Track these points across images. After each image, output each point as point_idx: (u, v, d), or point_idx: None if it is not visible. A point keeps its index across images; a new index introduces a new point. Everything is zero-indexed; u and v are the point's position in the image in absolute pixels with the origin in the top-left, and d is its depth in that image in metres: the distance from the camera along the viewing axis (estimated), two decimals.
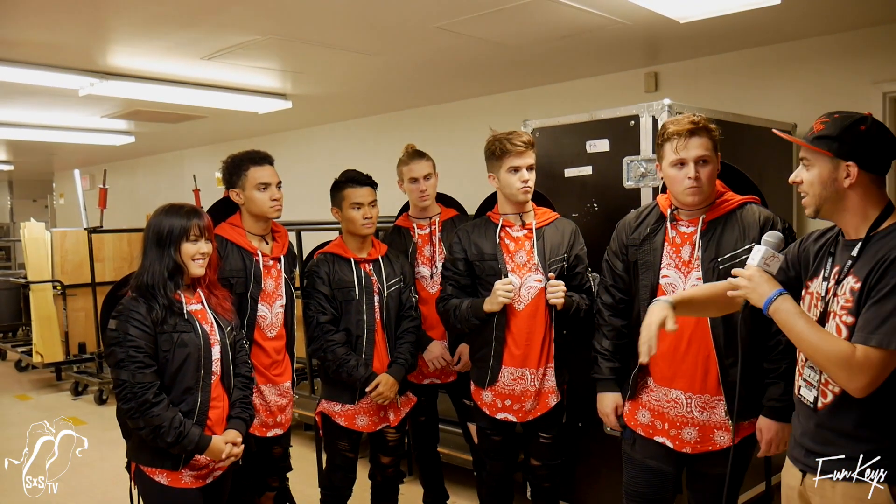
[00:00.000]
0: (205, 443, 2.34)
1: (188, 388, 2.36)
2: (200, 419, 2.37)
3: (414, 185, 3.35)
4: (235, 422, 2.49)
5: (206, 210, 2.97)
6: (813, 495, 1.86)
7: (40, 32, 3.77)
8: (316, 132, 7.36)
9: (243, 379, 2.58)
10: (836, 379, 1.74)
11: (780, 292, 1.83)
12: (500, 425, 2.92)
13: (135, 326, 2.28)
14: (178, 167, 9.24)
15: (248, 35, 3.86)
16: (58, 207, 12.38)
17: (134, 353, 2.26)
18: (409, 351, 3.07)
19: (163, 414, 2.26)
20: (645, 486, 2.50)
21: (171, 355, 2.32)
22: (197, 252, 2.41)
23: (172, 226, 2.39)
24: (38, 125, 6.95)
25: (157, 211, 2.46)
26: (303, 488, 3.31)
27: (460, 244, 2.93)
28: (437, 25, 3.69)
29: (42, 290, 6.90)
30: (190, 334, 2.36)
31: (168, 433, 2.26)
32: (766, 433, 2.31)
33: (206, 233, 2.45)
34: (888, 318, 1.65)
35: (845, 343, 1.71)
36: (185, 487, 2.36)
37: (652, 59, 4.57)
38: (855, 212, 1.81)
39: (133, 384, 2.26)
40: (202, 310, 2.45)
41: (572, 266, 2.88)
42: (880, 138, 1.79)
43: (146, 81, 4.84)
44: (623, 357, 2.58)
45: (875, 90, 3.82)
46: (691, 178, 2.28)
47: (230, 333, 2.52)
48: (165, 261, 2.36)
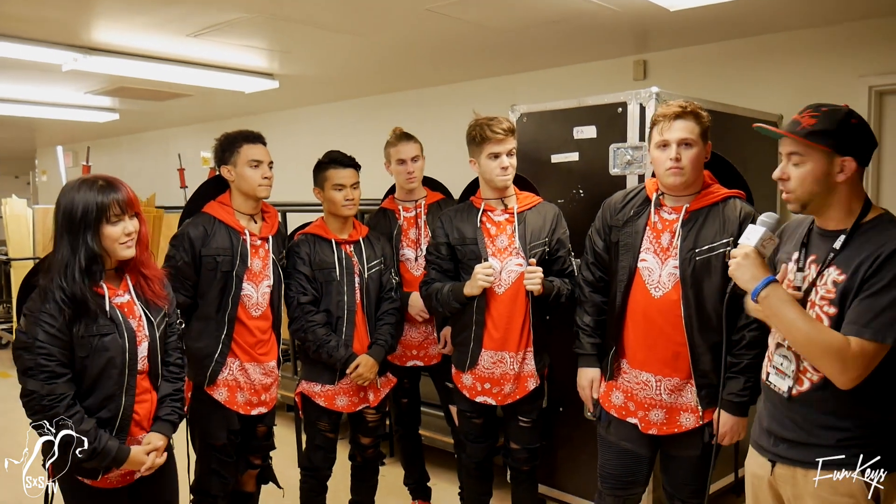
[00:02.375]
0: (123, 455, 2.09)
1: (110, 396, 2.09)
2: (123, 425, 2.12)
3: (401, 167, 3.34)
4: (162, 424, 2.23)
5: (196, 189, 2.97)
6: (783, 484, 1.88)
7: (23, 5, 3.70)
8: (302, 113, 7.32)
9: (174, 369, 2.32)
10: (827, 369, 1.74)
11: (771, 279, 1.82)
12: (481, 408, 2.94)
13: (45, 331, 1.97)
14: (162, 146, 9.16)
15: (235, 12, 3.82)
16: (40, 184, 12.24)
17: (44, 361, 1.97)
18: (388, 332, 3.07)
19: (75, 429, 1.99)
20: (619, 468, 2.54)
21: (90, 361, 2.04)
22: (122, 234, 2.07)
23: (87, 205, 2.02)
24: (21, 100, 6.84)
25: (65, 187, 2.09)
26: (283, 468, 3.32)
27: (443, 228, 2.94)
28: (427, 7, 3.66)
29: (23, 266, 6.81)
30: (112, 335, 2.07)
31: (81, 450, 1.99)
32: (723, 426, 2.34)
33: (129, 208, 2.08)
34: (883, 312, 1.67)
35: (838, 335, 1.71)
36: (111, 487, 2.17)
37: (641, 47, 4.57)
38: (840, 205, 1.82)
39: (41, 396, 1.97)
40: (129, 302, 2.15)
41: (554, 250, 2.89)
42: (868, 131, 1.81)
43: (131, 58, 4.77)
44: (604, 332, 2.61)
45: (861, 84, 3.84)
46: (672, 158, 2.30)
47: (160, 323, 2.22)
48: (81, 250, 2.02)
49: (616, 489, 2.55)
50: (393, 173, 3.41)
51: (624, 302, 2.47)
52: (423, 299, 3.02)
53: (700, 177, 2.40)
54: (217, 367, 2.80)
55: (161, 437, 2.21)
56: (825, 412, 1.80)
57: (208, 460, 2.87)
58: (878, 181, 3.93)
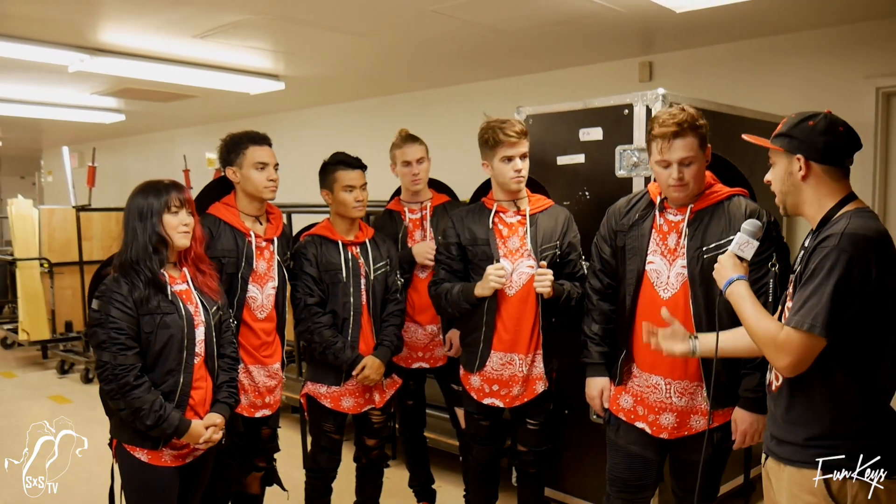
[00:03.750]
0: (184, 427, 2.33)
1: (170, 370, 2.34)
2: (182, 401, 2.36)
3: (406, 169, 3.34)
4: (220, 406, 2.48)
5: (201, 190, 2.97)
6: (772, 477, 1.95)
7: (31, 6, 3.72)
8: (308, 114, 7.33)
9: (229, 360, 2.56)
10: (768, 358, 1.85)
11: (738, 277, 1.94)
12: (488, 410, 2.93)
13: (116, 308, 2.26)
14: (168, 147, 9.18)
15: (241, 14, 3.83)
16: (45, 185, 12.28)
17: (116, 334, 2.25)
18: (394, 333, 3.08)
19: (143, 397, 2.25)
20: (627, 472, 2.52)
21: (154, 337, 2.30)
22: (180, 223, 2.38)
23: (153, 198, 2.36)
24: (27, 101, 6.88)
25: (134, 191, 2.42)
26: (288, 470, 3.32)
27: (454, 228, 2.93)
28: (433, 9, 3.66)
29: (29, 267, 6.85)
30: (173, 315, 2.34)
31: (147, 416, 2.25)
32: (741, 424, 2.34)
33: (187, 205, 2.42)
34: (806, 302, 1.73)
35: (775, 323, 1.82)
36: (164, 466, 2.36)
37: (647, 48, 4.57)
38: (811, 203, 1.89)
39: (114, 366, 2.25)
40: (187, 290, 2.43)
41: (565, 253, 2.89)
42: (828, 131, 1.84)
43: (137, 59, 4.79)
44: (612, 341, 2.60)
45: (868, 85, 3.83)
46: (675, 178, 2.31)
47: (215, 314, 2.49)
48: (148, 233, 2.33)
49: (624, 493, 2.54)
50: (398, 175, 3.41)
51: (633, 305, 2.46)
52: (432, 298, 3.01)
53: (701, 183, 2.39)
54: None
55: (219, 416, 2.45)
56: (794, 408, 1.85)
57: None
58: (886, 182, 3.91)
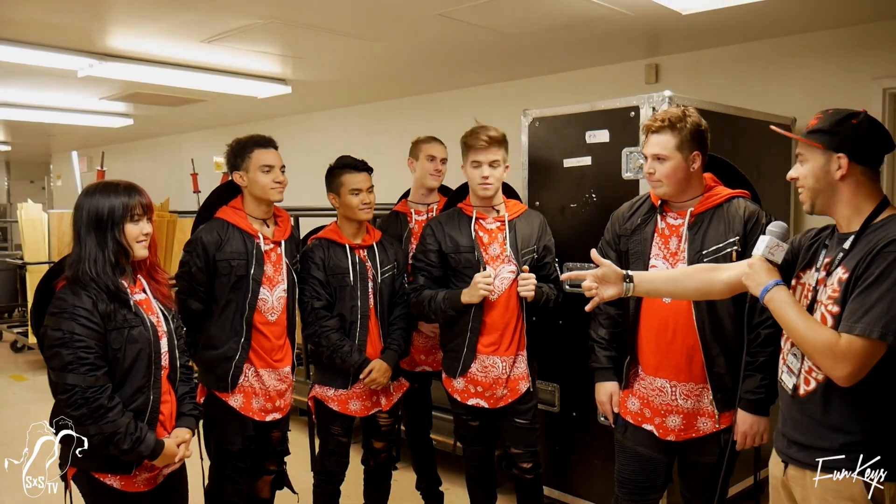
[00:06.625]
0: (160, 448, 2.16)
1: (140, 388, 2.16)
2: (152, 418, 2.19)
3: (430, 164, 3.42)
4: (187, 419, 2.32)
5: (208, 195, 2.99)
6: (795, 486, 1.88)
7: (40, 12, 3.75)
8: (315, 118, 7.34)
9: (185, 370, 2.38)
10: (823, 367, 1.76)
11: (776, 282, 1.85)
12: (475, 410, 2.96)
13: (80, 324, 2.04)
14: (176, 151, 9.21)
15: (249, 18, 3.84)
16: (55, 189, 12.35)
17: (84, 353, 2.03)
18: (401, 337, 3.08)
19: (118, 420, 2.06)
20: (636, 474, 2.53)
21: (122, 353, 2.11)
22: (140, 233, 2.18)
23: (113, 205, 2.14)
24: (37, 106, 6.92)
25: (88, 190, 2.20)
26: (296, 473, 3.32)
27: (434, 236, 2.96)
28: (439, 12, 3.67)
29: (38, 271, 6.88)
30: (139, 328, 2.15)
31: (123, 440, 2.06)
32: (741, 425, 2.34)
33: (148, 211, 2.22)
34: (872, 308, 1.68)
35: (830, 331, 1.73)
36: (137, 491, 2.20)
37: (653, 50, 4.56)
38: (847, 204, 1.84)
39: (84, 388, 2.03)
40: (146, 299, 2.24)
41: (541, 257, 2.96)
42: (871, 132, 1.82)
43: (145, 63, 4.82)
44: (619, 345, 2.60)
45: (875, 86, 3.82)
46: (646, 171, 2.41)
47: (175, 321, 2.33)
48: (109, 245, 2.13)
49: (633, 494, 2.54)
50: (417, 169, 3.45)
51: (637, 309, 2.48)
52: (412, 306, 3.02)
53: (696, 183, 2.41)
54: (237, 371, 2.80)
55: (187, 431, 2.30)
56: (830, 413, 1.80)
57: (223, 466, 2.88)
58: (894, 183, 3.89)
